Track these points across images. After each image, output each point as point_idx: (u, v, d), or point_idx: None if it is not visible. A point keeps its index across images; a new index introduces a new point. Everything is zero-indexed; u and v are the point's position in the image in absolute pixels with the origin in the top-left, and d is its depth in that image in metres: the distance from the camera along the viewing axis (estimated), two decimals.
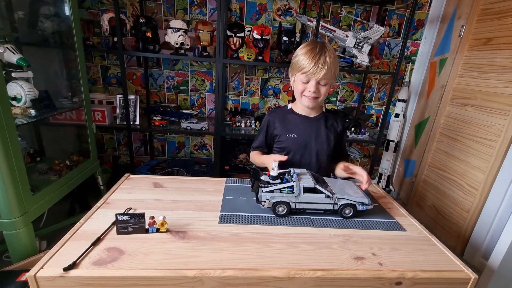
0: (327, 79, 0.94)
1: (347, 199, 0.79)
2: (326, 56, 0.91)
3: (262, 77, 2.13)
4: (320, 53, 0.91)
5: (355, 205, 0.80)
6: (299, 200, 0.78)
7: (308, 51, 0.93)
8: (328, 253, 0.63)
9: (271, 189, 0.78)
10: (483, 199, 1.50)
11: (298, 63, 0.95)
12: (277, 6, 1.97)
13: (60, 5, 1.53)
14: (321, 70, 0.91)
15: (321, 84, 0.96)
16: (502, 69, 1.47)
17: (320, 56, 0.91)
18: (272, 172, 0.81)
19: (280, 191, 0.78)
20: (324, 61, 0.91)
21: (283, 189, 0.78)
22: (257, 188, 0.80)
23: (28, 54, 1.27)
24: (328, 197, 0.79)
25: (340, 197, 0.79)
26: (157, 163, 2.08)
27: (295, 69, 0.98)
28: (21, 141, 1.20)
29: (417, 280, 0.58)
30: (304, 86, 0.97)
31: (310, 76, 0.93)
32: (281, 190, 0.78)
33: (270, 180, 0.81)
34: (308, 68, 0.91)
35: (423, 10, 2.05)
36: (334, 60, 0.93)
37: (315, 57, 0.91)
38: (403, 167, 2.29)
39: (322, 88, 0.96)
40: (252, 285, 0.56)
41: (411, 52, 2.15)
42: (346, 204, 0.79)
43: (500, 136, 1.43)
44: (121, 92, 1.82)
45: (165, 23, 1.91)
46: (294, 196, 0.78)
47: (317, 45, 0.94)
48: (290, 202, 0.78)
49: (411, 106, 2.21)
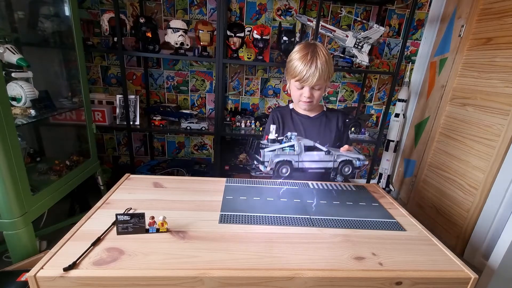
0: (320, 84, 0.98)
1: (345, 155, 0.84)
2: (317, 62, 0.93)
3: (262, 77, 2.13)
4: (311, 59, 0.94)
5: (352, 161, 0.84)
6: (301, 159, 0.80)
7: (301, 58, 0.95)
8: (328, 253, 0.63)
9: (273, 148, 0.78)
10: (483, 199, 1.50)
11: (292, 69, 0.98)
12: (277, 6, 1.97)
13: (60, 5, 1.53)
14: (313, 77, 0.94)
15: (314, 89, 1.00)
16: (502, 69, 1.47)
17: (312, 63, 0.93)
18: (271, 135, 0.82)
19: (282, 150, 0.79)
20: (316, 67, 0.93)
21: (284, 148, 0.79)
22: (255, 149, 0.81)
23: (28, 54, 1.27)
24: (328, 154, 0.82)
25: (339, 153, 0.84)
26: (157, 163, 2.08)
27: (289, 74, 1.01)
28: (21, 141, 1.20)
29: (417, 280, 0.58)
30: (299, 92, 1.01)
31: (304, 84, 0.97)
32: (283, 149, 0.79)
33: (270, 143, 0.82)
34: (302, 76, 0.95)
35: (423, 10, 2.05)
36: (326, 64, 0.95)
37: (307, 64, 0.94)
38: (403, 167, 2.29)
39: (315, 92, 1.00)
40: (252, 285, 0.56)
41: (411, 52, 2.15)
42: (345, 160, 0.83)
43: (500, 136, 1.43)
44: (121, 92, 1.82)
45: (165, 23, 1.91)
46: (296, 154, 0.79)
47: (309, 50, 0.95)
48: (293, 161, 0.79)
49: (411, 106, 2.21)
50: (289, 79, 1.04)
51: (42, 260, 0.55)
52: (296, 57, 0.97)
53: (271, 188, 0.94)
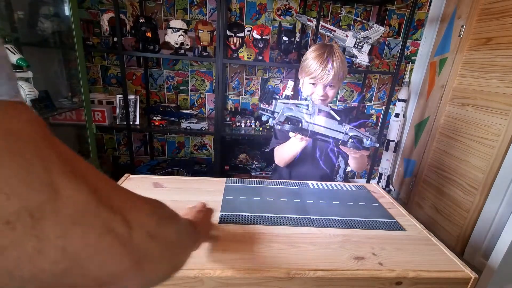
0: (334, 83, 0.98)
1: (357, 131, 0.80)
2: (333, 62, 0.95)
3: (262, 77, 2.13)
4: (327, 59, 0.95)
5: (363, 140, 0.79)
6: (313, 121, 0.76)
7: (317, 57, 0.96)
8: (328, 253, 0.63)
9: (287, 101, 0.75)
10: (483, 199, 1.50)
11: (307, 68, 0.99)
12: (277, 6, 1.97)
13: (60, 5, 1.53)
14: (328, 75, 0.94)
15: (329, 87, 1.00)
16: (502, 69, 1.47)
17: (327, 62, 0.94)
18: (287, 91, 0.78)
19: (296, 106, 0.75)
20: (332, 66, 0.94)
21: (298, 104, 0.76)
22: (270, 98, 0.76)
23: (28, 54, 1.27)
24: (340, 124, 0.78)
25: (351, 127, 0.79)
26: (157, 163, 2.08)
27: (304, 72, 1.02)
28: None
29: (417, 280, 0.58)
30: (313, 89, 1.01)
31: (318, 81, 0.97)
32: (297, 105, 0.76)
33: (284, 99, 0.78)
34: (316, 74, 0.95)
35: (423, 10, 2.05)
36: (342, 65, 0.96)
37: (323, 63, 0.95)
38: (403, 167, 2.29)
39: (329, 91, 1.00)
40: (252, 285, 0.56)
41: (411, 52, 2.15)
42: (355, 136, 0.79)
43: (500, 136, 1.43)
44: (121, 92, 1.82)
45: (165, 23, 1.91)
46: (308, 114, 0.75)
47: (325, 50, 0.97)
48: (303, 120, 0.75)
49: (411, 106, 2.21)
50: (302, 78, 1.05)
51: None
52: (311, 56, 0.98)
53: (271, 188, 0.94)
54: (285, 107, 0.74)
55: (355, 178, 2.52)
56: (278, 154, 1.09)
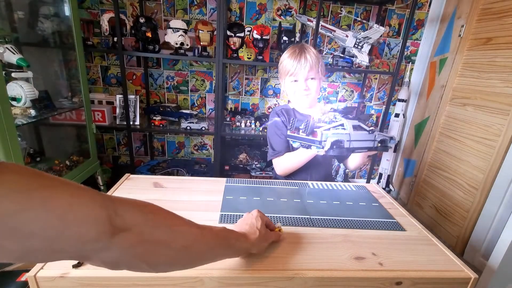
0: (314, 74, 1.01)
1: (382, 134, 0.82)
2: (306, 55, 0.99)
3: (262, 77, 2.13)
4: (300, 53, 1.00)
5: (386, 140, 0.83)
6: (352, 138, 0.77)
7: (291, 55, 1.01)
8: (328, 253, 0.63)
9: (327, 128, 0.76)
10: (483, 199, 1.50)
11: (284, 68, 1.03)
12: (277, 6, 1.97)
13: (60, 5, 1.53)
14: (305, 67, 0.98)
15: (310, 80, 1.02)
16: (502, 69, 1.47)
17: (301, 56, 0.99)
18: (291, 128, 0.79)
19: (335, 129, 0.77)
20: (305, 59, 0.99)
21: (336, 127, 0.77)
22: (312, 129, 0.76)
23: (28, 54, 1.27)
24: (371, 133, 0.80)
25: (378, 133, 0.82)
26: (157, 163, 2.08)
27: (282, 74, 1.05)
28: (21, 141, 1.20)
29: (417, 280, 0.58)
30: (294, 86, 1.03)
31: (297, 76, 1.01)
32: (335, 128, 0.77)
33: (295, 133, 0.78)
34: (293, 69, 1.00)
35: (423, 10, 2.05)
36: (315, 56, 1.00)
37: (297, 58, 0.99)
38: (403, 167, 2.29)
39: (311, 83, 1.02)
40: (252, 285, 0.56)
41: (411, 52, 2.15)
42: (382, 140, 0.82)
43: (500, 136, 1.43)
44: (121, 92, 1.82)
45: (165, 23, 1.91)
46: (347, 133, 0.76)
47: (297, 48, 1.02)
48: (345, 140, 0.76)
49: (411, 106, 2.21)
50: (283, 80, 1.07)
51: None
52: (285, 57, 1.03)
53: (271, 188, 0.94)
54: (328, 134, 0.75)
55: (355, 178, 2.52)
56: (282, 165, 1.06)
